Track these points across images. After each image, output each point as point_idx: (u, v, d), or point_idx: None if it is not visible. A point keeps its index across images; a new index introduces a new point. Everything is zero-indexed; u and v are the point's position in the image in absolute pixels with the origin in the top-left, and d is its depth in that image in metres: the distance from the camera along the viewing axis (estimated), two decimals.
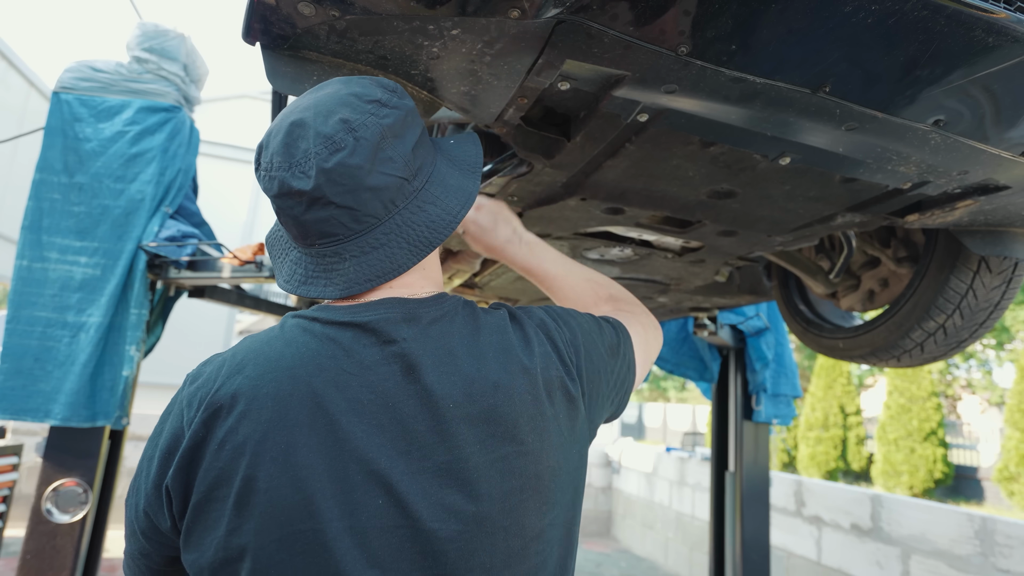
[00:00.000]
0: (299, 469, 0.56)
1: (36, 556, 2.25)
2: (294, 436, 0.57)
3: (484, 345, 0.65)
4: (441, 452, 0.59)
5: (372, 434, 0.58)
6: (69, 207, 2.42)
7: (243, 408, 0.58)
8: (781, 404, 3.49)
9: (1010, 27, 0.69)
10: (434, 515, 0.57)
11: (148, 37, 2.58)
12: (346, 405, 0.58)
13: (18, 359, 2.28)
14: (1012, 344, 15.18)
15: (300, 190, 0.61)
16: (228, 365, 0.61)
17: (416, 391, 0.60)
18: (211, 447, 0.57)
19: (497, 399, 0.61)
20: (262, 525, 0.55)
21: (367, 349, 0.61)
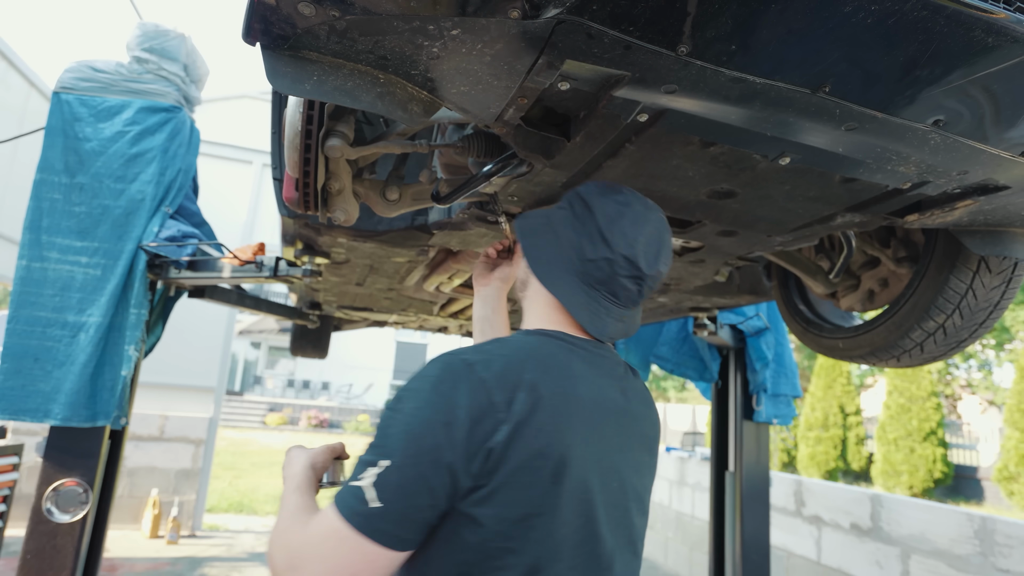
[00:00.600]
0: (589, 453, 0.77)
1: (36, 556, 2.25)
2: (586, 428, 0.78)
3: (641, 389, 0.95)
4: (639, 457, 0.87)
5: (615, 434, 0.83)
6: (70, 207, 2.42)
7: (559, 402, 0.76)
8: (781, 404, 3.49)
9: (1010, 27, 0.69)
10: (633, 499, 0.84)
11: (148, 37, 2.58)
12: (604, 410, 0.82)
13: (17, 359, 2.28)
14: (1012, 344, 15.17)
15: (645, 272, 0.90)
16: (514, 361, 0.77)
17: (631, 410, 0.87)
18: (534, 425, 0.72)
19: (647, 423, 0.92)
20: (566, 492, 0.73)
21: (605, 367, 0.87)
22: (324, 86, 0.85)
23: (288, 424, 19.89)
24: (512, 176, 1.25)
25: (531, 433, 0.71)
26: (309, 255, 2.30)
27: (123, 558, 5.22)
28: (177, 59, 2.62)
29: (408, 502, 0.69)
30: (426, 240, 2.00)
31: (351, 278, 2.74)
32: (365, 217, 1.94)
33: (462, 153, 1.31)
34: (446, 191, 1.45)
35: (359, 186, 1.52)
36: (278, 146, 1.71)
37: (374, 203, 1.57)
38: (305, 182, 1.29)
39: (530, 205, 1.43)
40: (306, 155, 1.23)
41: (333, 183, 1.41)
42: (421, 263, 2.37)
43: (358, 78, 0.87)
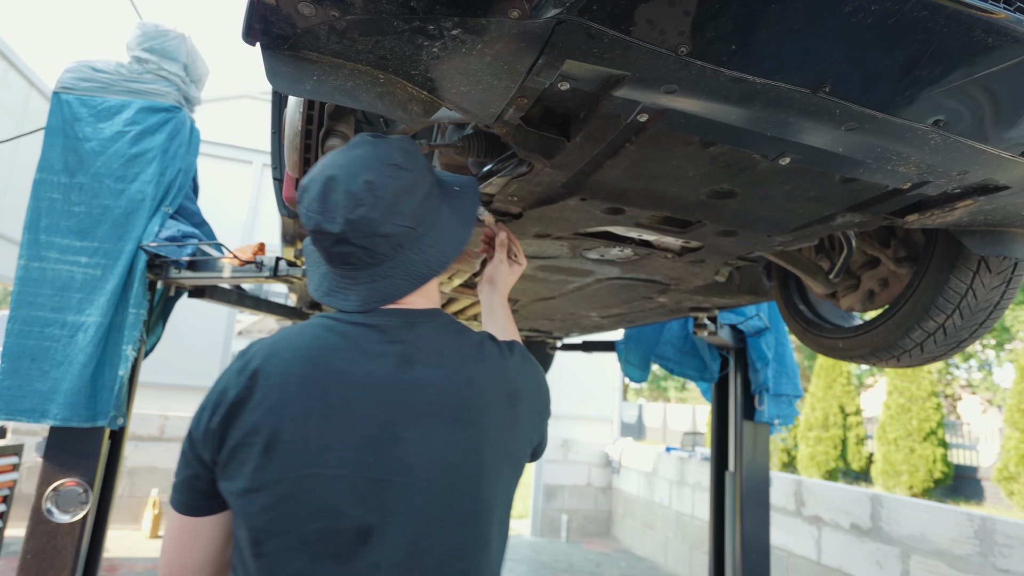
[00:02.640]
0: (311, 429, 0.74)
1: (36, 556, 2.25)
2: (311, 405, 0.76)
3: (471, 354, 0.85)
4: (434, 428, 0.77)
5: (370, 407, 0.76)
6: (69, 207, 2.42)
7: (277, 381, 0.76)
8: (783, 404, 3.49)
9: (1010, 27, 0.69)
10: (412, 473, 0.75)
11: (148, 37, 2.58)
12: (352, 384, 0.77)
13: (14, 359, 2.28)
14: (1012, 344, 15.18)
15: (329, 232, 0.83)
16: (268, 348, 0.80)
17: (411, 379, 0.79)
18: (249, 406, 0.75)
19: (466, 393, 0.80)
20: (280, 467, 0.73)
21: (374, 345, 0.81)
22: (324, 86, 0.85)
23: None
24: (512, 176, 1.25)
25: (245, 413, 0.75)
26: None
27: (123, 558, 5.22)
28: (177, 59, 2.62)
29: (183, 474, 0.80)
30: None
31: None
32: None
33: (462, 153, 1.31)
34: None
35: None
36: (278, 146, 1.71)
37: None
38: None
39: (530, 205, 1.43)
40: (306, 155, 1.24)
41: None
42: None
43: (358, 78, 0.87)
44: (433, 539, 0.75)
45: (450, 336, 0.86)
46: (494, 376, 0.85)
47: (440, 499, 0.76)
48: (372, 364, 0.79)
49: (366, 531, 0.73)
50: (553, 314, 3.27)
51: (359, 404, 0.76)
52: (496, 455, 0.81)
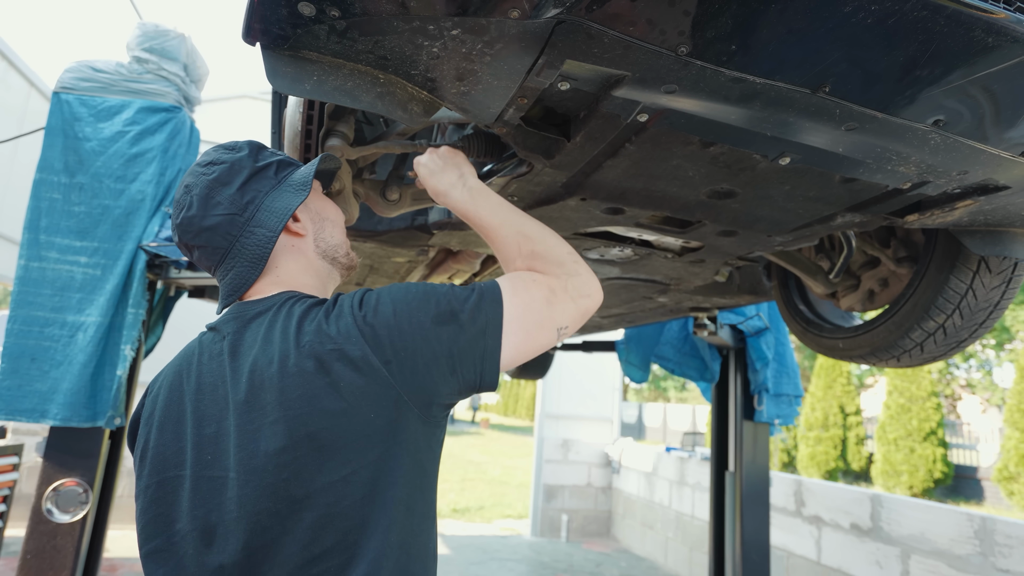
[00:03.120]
0: (169, 435, 0.79)
1: (36, 556, 2.25)
2: (169, 411, 0.80)
3: (278, 329, 0.78)
4: (249, 416, 0.74)
5: (210, 405, 0.77)
6: (69, 207, 2.42)
7: (153, 395, 0.85)
8: (783, 404, 3.49)
9: (1010, 27, 0.69)
10: (237, 467, 0.72)
11: (148, 37, 2.58)
12: (197, 386, 0.79)
13: (14, 359, 2.28)
14: (1012, 344, 15.18)
15: (177, 243, 0.89)
16: (163, 368, 0.88)
17: (234, 370, 0.77)
18: (141, 422, 0.85)
19: (270, 372, 0.74)
20: (149, 472, 0.78)
21: (213, 344, 0.83)
22: (324, 86, 0.85)
23: None
24: (512, 176, 1.25)
25: (138, 429, 0.85)
26: None
27: (123, 558, 5.22)
28: (177, 59, 2.62)
29: None
30: (426, 240, 2.00)
31: (351, 278, 2.74)
32: (365, 217, 1.94)
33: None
34: None
35: (359, 186, 1.52)
36: (278, 146, 1.71)
37: (374, 203, 1.57)
38: None
39: (530, 205, 1.43)
40: (306, 155, 1.24)
41: (333, 183, 1.41)
42: (421, 263, 2.37)
43: (358, 78, 0.87)
44: (272, 532, 0.70)
45: (281, 318, 0.79)
46: (302, 345, 0.75)
47: (267, 490, 0.70)
48: (212, 363, 0.80)
49: (210, 531, 0.72)
50: None
51: (203, 404, 0.77)
52: (318, 431, 0.71)
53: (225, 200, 0.86)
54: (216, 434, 0.75)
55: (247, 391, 0.74)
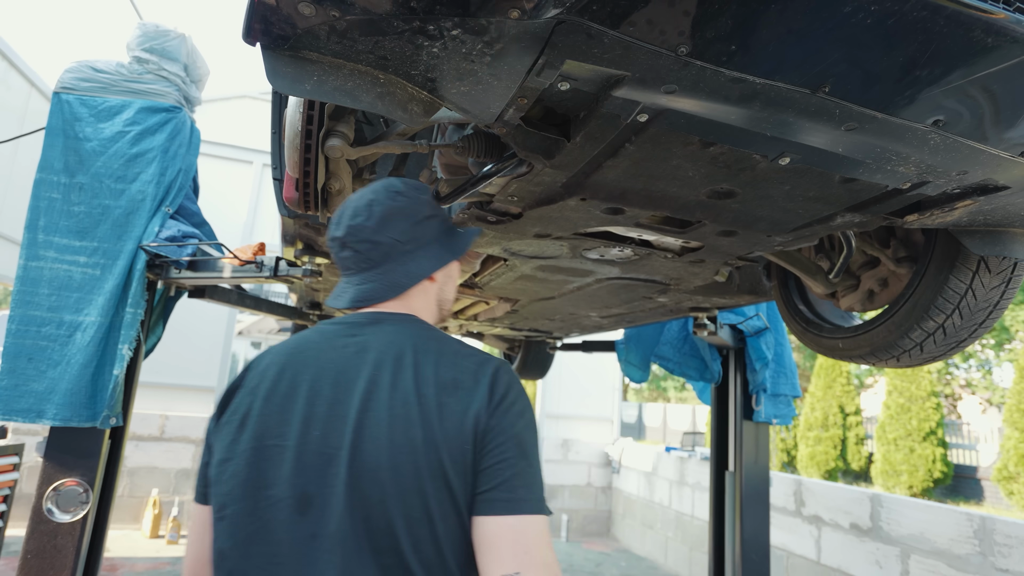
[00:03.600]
0: (275, 407, 0.85)
1: (37, 555, 2.26)
2: (280, 386, 0.86)
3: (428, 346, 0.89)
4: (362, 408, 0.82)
5: (327, 388, 0.85)
6: (68, 207, 2.41)
7: (260, 370, 0.90)
8: (781, 404, 3.49)
9: (1009, 27, 0.69)
10: (352, 448, 0.79)
11: (149, 37, 2.58)
12: (318, 370, 0.87)
13: (12, 359, 2.27)
14: (1011, 344, 15.18)
15: (335, 236, 1.00)
16: (267, 350, 0.95)
17: (358, 366, 0.86)
18: (239, 392, 0.89)
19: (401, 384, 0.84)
20: (248, 438, 0.83)
21: (339, 338, 0.92)
22: (324, 86, 0.85)
23: None
24: (512, 176, 1.26)
25: (235, 398, 0.90)
26: (309, 255, 2.30)
27: (123, 558, 5.22)
28: (177, 59, 2.62)
29: (201, 464, 0.93)
30: None
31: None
32: None
33: (462, 153, 1.31)
34: (446, 191, 1.45)
35: (359, 186, 1.52)
36: (278, 146, 1.71)
37: None
38: (305, 182, 1.29)
39: (530, 205, 1.43)
40: (306, 155, 1.24)
41: (333, 183, 1.41)
42: None
43: (358, 78, 0.87)
44: (367, 511, 0.76)
45: (410, 332, 0.92)
46: (438, 365, 0.86)
47: (374, 476, 0.77)
48: (335, 353, 0.89)
49: (306, 500, 0.78)
50: (553, 314, 3.27)
51: (318, 386, 0.85)
52: (406, 438, 0.79)
53: (398, 229, 0.98)
54: (328, 415, 0.82)
55: (369, 388, 0.83)
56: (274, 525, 0.78)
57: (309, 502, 0.78)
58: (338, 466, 0.78)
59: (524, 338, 5.03)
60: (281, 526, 0.78)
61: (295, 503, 0.78)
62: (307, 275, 2.47)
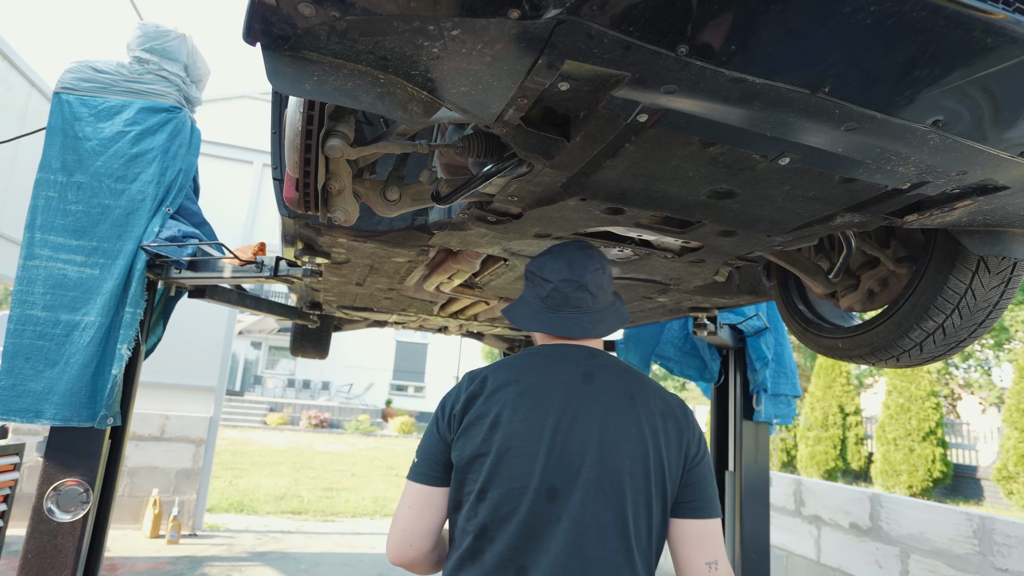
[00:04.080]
0: (520, 416, 1.08)
1: (37, 555, 2.26)
2: (521, 400, 1.09)
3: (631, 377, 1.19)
4: (592, 422, 1.08)
5: (557, 405, 1.09)
6: (65, 205, 2.41)
7: (500, 383, 1.12)
8: (781, 404, 3.49)
9: (1008, 28, 0.69)
10: (596, 455, 1.06)
11: (149, 38, 2.58)
12: (548, 389, 1.11)
13: (11, 359, 2.27)
14: (1011, 344, 15.18)
15: (576, 280, 1.22)
16: (493, 366, 1.18)
17: (588, 390, 1.12)
18: (480, 399, 1.11)
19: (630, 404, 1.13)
20: (500, 438, 1.06)
21: (565, 363, 1.16)
22: (324, 86, 0.85)
23: (288, 424, 19.89)
24: (512, 176, 1.26)
25: (476, 404, 1.11)
26: (309, 255, 2.30)
27: (124, 557, 5.22)
28: (178, 59, 2.62)
29: (429, 451, 1.14)
30: (426, 240, 2.00)
31: (351, 278, 2.74)
32: (365, 217, 1.94)
33: (462, 153, 1.31)
34: (446, 191, 1.45)
35: (359, 186, 1.52)
36: (278, 146, 1.71)
37: (374, 203, 1.57)
38: (305, 182, 1.29)
39: (530, 205, 1.43)
40: (306, 155, 1.24)
41: (333, 183, 1.41)
42: (421, 263, 2.37)
43: (358, 78, 0.87)
44: (596, 504, 1.03)
45: (621, 366, 1.21)
46: (651, 396, 1.15)
47: (614, 478, 1.05)
48: (562, 377, 1.13)
49: (553, 491, 1.04)
50: None
51: (552, 403, 1.09)
52: (640, 452, 1.08)
53: (608, 284, 1.27)
54: (571, 428, 1.07)
55: (604, 409, 1.10)
56: (526, 507, 1.03)
57: (555, 493, 1.04)
58: (583, 468, 1.05)
59: (524, 338, 5.03)
60: (532, 509, 1.03)
61: (545, 493, 1.04)
62: (307, 275, 2.47)
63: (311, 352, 4.95)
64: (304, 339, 4.82)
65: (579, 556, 1.01)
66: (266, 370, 29.50)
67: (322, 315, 4.33)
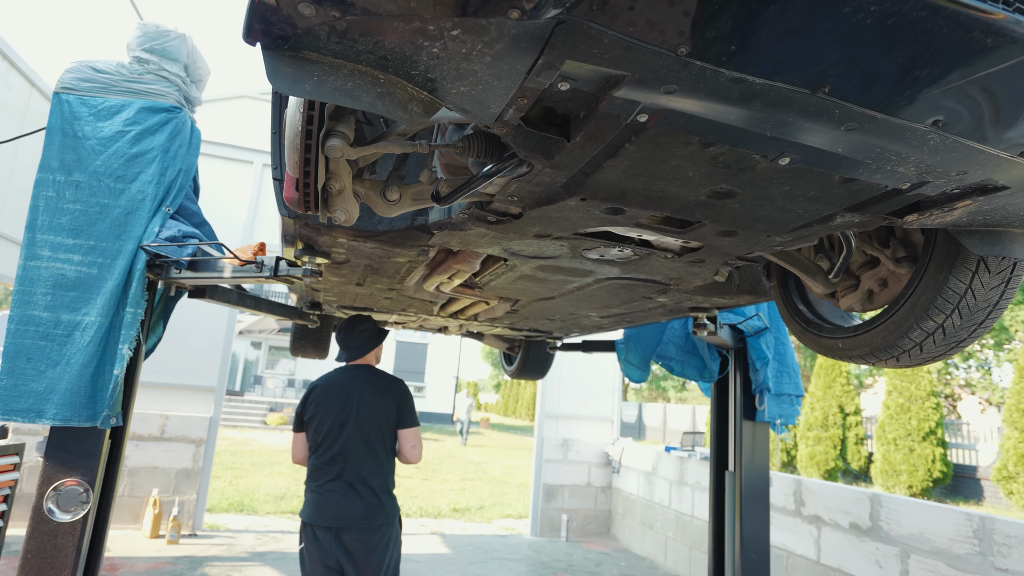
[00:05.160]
0: (327, 402, 2.80)
1: (37, 555, 2.26)
2: (328, 393, 2.82)
3: (376, 376, 2.93)
4: (359, 400, 2.81)
5: (342, 393, 2.82)
6: (63, 204, 2.40)
7: (320, 389, 2.85)
8: (785, 403, 3.49)
9: (1008, 28, 0.69)
10: (352, 412, 2.78)
11: (149, 37, 2.58)
12: (339, 387, 2.84)
13: (11, 358, 2.27)
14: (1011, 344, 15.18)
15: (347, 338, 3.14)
16: (321, 379, 2.93)
17: (356, 384, 2.85)
18: (311, 399, 2.84)
19: (373, 388, 2.86)
20: (319, 413, 2.79)
21: (346, 374, 2.91)
22: (324, 86, 0.86)
23: (288, 424, 19.90)
24: (512, 176, 1.26)
25: (311, 398, 2.84)
26: (309, 255, 2.30)
27: (124, 557, 5.22)
28: (178, 59, 2.62)
29: (296, 418, 2.90)
30: (426, 240, 2.00)
31: (351, 278, 2.74)
32: (365, 217, 1.94)
33: (462, 153, 1.31)
34: (446, 191, 1.45)
35: (359, 186, 1.52)
36: (278, 146, 1.71)
37: (374, 203, 1.57)
38: (305, 182, 1.29)
39: (530, 205, 1.43)
40: (306, 155, 1.24)
41: (333, 183, 1.41)
42: (421, 263, 2.37)
43: (358, 78, 0.87)
44: (363, 431, 2.74)
45: (374, 372, 2.93)
46: (381, 384, 2.87)
47: (367, 420, 2.75)
48: (344, 379, 2.85)
49: (343, 424, 2.73)
50: (553, 314, 3.27)
51: (340, 393, 2.80)
52: (378, 409, 2.79)
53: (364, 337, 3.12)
54: (345, 402, 2.80)
55: (364, 393, 2.83)
56: (334, 434, 2.71)
57: (344, 425, 2.72)
58: (352, 416, 2.74)
59: (524, 338, 5.03)
60: (335, 434, 2.71)
61: (339, 426, 2.72)
62: (307, 275, 2.47)
63: (311, 352, 4.96)
64: (304, 339, 4.83)
65: (353, 450, 2.70)
66: (266, 370, 29.50)
67: (322, 315, 4.34)
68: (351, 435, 2.65)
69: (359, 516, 2.61)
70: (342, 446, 2.65)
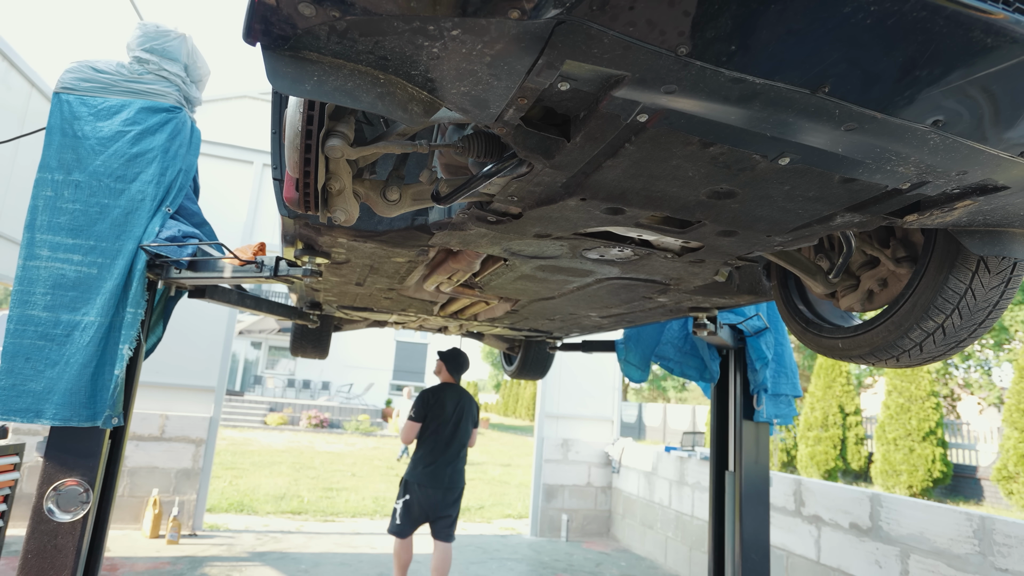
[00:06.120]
0: (446, 406, 4.46)
1: (37, 555, 2.26)
2: (446, 402, 4.48)
3: (466, 395, 4.65)
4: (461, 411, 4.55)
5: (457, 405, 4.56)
6: (61, 203, 2.40)
7: (437, 398, 4.50)
8: (782, 404, 3.49)
9: (1008, 28, 0.69)
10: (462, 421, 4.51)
11: (149, 37, 2.58)
12: (452, 400, 4.53)
13: (11, 359, 2.27)
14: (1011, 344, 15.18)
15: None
16: (435, 386, 4.67)
17: (461, 399, 4.59)
18: (432, 403, 4.46)
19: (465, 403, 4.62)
20: (438, 413, 4.45)
21: (452, 389, 4.64)
22: (324, 86, 0.85)
23: (288, 424, 19.89)
24: (512, 176, 1.26)
25: (431, 399, 4.48)
26: (309, 255, 2.30)
27: (124, 558, 5.22)
28: (178, 59, 2.62)
29: (420, 411, 4.49)
30: (426, 240, 2.00)
31: (351, 278, 2.74)
32: (365, 217, 1.94)
33: (462, 153, 1.31)
34: (446, 191, 1.45)
35: (359, 186, 1.52)
36: (278, 146, 1.71)
37: (374, 203, 1.57)
38: (305, 182, 1.29)
39: (530, 205, 1.43)
40: (306, 155, 1.24)
41: (333, 183, 1.41)
42: (421, 263, 2.37)
43: (358, 78, 0.87)
44: (463, 428, 4.48)
45: (462, 389, 4.61)
46: (467, 397, 4.58)
47: (463, 421, 4.49)
48: (452, 393, 4.54)
49: (458, 423, 4.44)
50: (553, 314, 3.27)
51: (450, 402, 4.48)
52: (469, 414, 4.57)
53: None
54: (456, 413, 4.50)
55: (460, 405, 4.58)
56: (451, 428, 4.41)
57: (457, 425, 4.42)
58: (460, 417, 4.46)
59: (524, 338, 5.03)
60: (452, 429, 4.41)
61: (454, 425, 4.41)
62: (307, 275, 2.47)
63: (311, 352, 4.96)
64: (304, 339, 4.83)
65: (457, 439, 4.44)
66: (266, 370, 29.49)
67: (322, 315, 4.34)
68: (460, 430, 4.40)
69: (459, 480, 4.40)
70: (454, 436, 4.39)
